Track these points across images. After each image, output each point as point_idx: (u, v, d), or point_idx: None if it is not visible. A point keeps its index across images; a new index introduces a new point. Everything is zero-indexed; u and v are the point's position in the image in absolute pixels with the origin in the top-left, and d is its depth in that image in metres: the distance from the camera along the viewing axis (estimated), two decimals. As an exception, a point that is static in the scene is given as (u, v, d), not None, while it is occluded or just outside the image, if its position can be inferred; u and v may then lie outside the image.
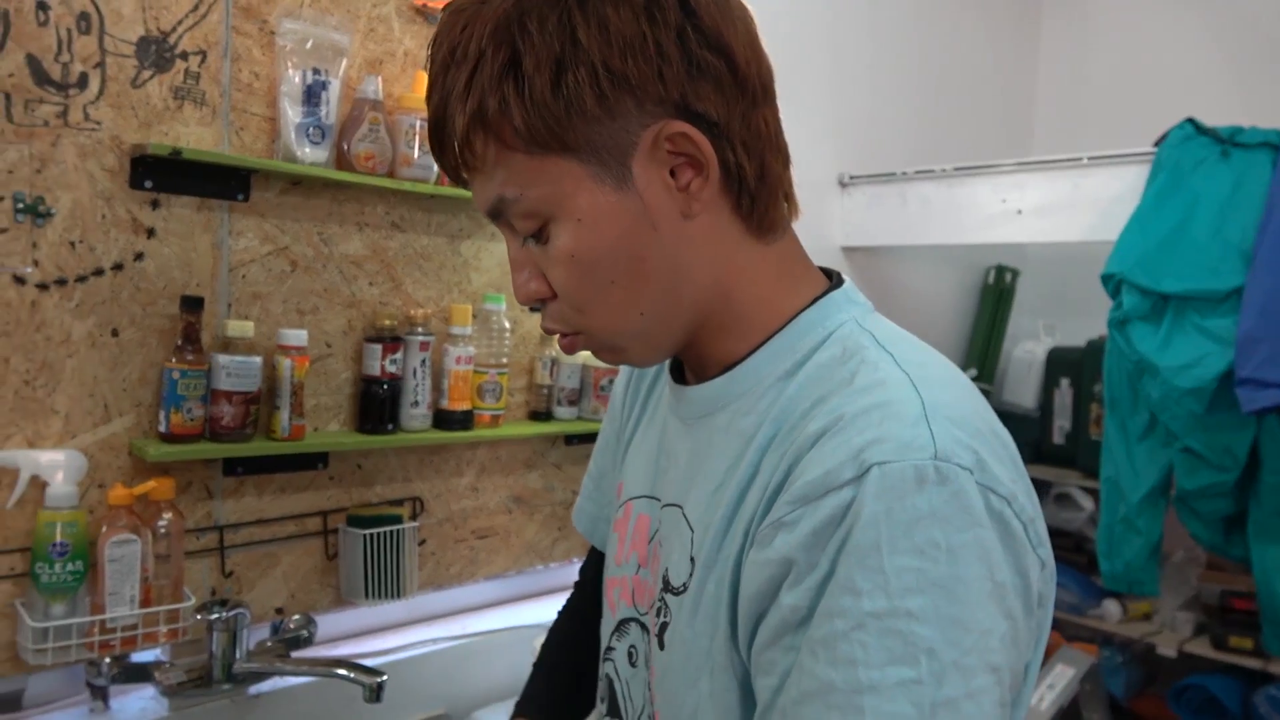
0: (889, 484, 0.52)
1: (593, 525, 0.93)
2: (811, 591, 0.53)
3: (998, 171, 2.07)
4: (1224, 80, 2.60)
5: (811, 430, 0.57)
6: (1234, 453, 1.71)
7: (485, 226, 1.68)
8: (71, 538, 1.21)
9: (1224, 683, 2.15)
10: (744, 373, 0.66)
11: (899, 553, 0.51)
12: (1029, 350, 2.65)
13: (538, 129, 0.58)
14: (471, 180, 0.64)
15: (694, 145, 0.60)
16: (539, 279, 0.65)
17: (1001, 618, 0.53)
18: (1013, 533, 0.54)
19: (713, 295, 0.65)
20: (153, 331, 1.32)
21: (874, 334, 0.63)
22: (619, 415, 0.88)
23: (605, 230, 0.61)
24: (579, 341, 0.67)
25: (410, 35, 1.55)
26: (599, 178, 0.60)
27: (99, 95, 1.26)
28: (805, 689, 0.52)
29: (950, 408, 0.56)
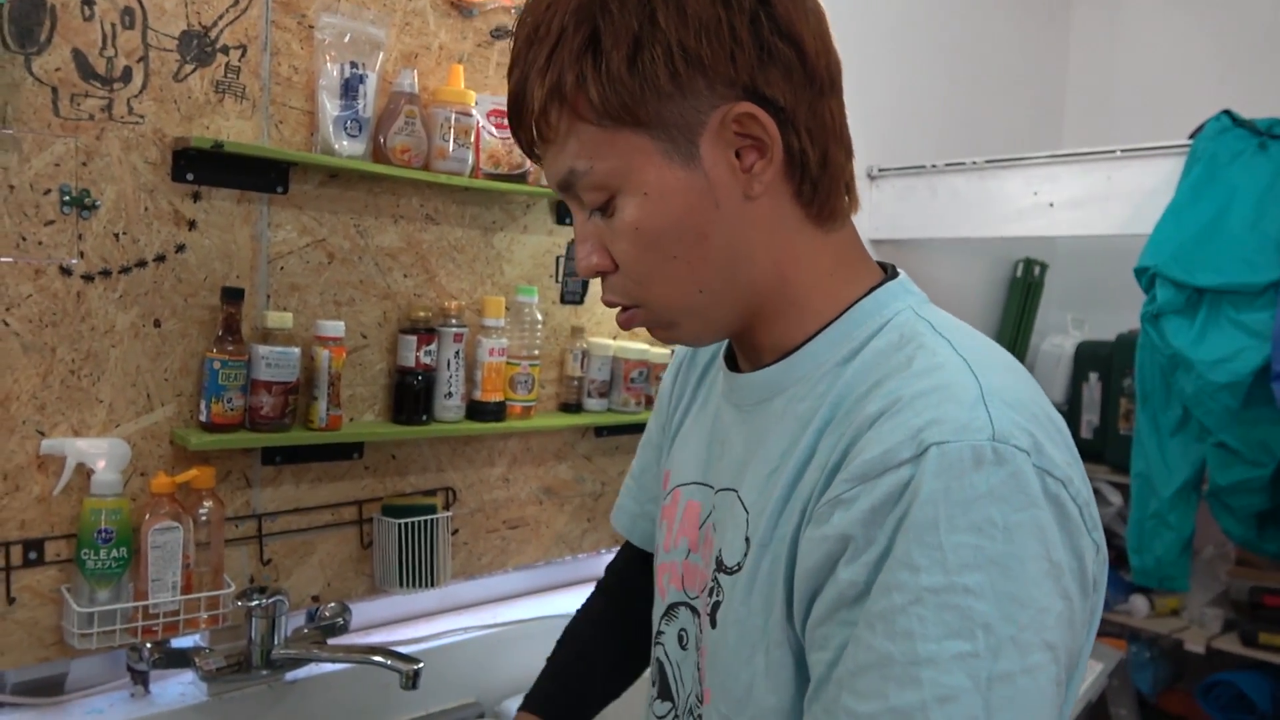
0: (947, 463, 0.53)
1: (632, 523, 0.94)
2: (869, 567, 0.54)
3: (1030, 164, 2.06)
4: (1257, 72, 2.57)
5: (870, 411, 0.59)
6: (1269, 448, 1.70)
7: (518, 219, 1.69)
8: (116, 525, 1.23)
9: (1254, 679, 2.15)
10: (801, 358, 0.67)
11: (957, 530, 0.52)
12: (1057, 344, 2.64)
13: (612, 103, 0.61)
14: (544, 154, 0.66)
15: (760, 127, 0.62)
16: (601, 252, 0.67)
17: (1057, 597, 0.54)
18: (1068, 515, 0.55)
19: (770, 278, 0.66)
20: (194, 322, 1.34)
21: (931, 322, 0.65)
22: (665, 410, 0.89)
23: (670, 205, 0.63)
24: (637, 315, 0.68)
25: (445, 29, 1.56)
26: (667, 154, 0.62)
27: (142, 89, 1.27)
28: (862, 661, 0.53)
29: (1007, 392, 0.57)
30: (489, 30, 1.61)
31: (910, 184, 2.26)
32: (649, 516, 0.93)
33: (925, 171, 2.24)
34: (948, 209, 2.20)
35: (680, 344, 0.73)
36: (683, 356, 0.88)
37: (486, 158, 1.58)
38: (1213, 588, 2.32)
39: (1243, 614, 2.24)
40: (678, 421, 0.84)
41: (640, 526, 0.93)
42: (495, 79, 1.63)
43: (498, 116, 1.59)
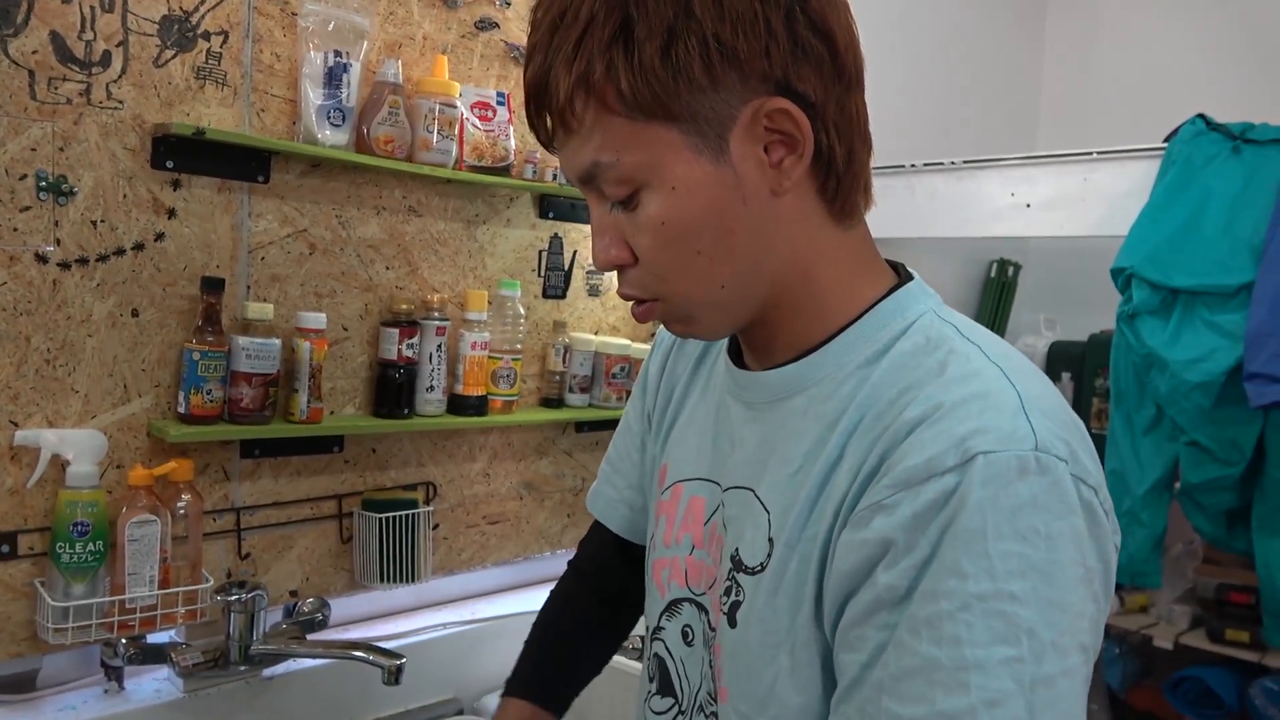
0: (994, 472, 0.54)
1: (610, 508, 0.94)
2: (911, 572, 0.55)
3: (1007, 165, 2.08)
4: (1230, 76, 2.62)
5: (908, 417, 0.58)
6: (1240, 447, 1.72)
7: (501, 212, 1.68)
8: (92, 518, 1.21)
9: (1220, 675, 2.18)
10: (823, 358, 0.66)
11: (1003, 538, 0.53)
12: (1030, 344, 2.67)
13: (643, 95, 0.59)
14: (564, 144, 0.64)
15: (793, 123, 0.61)
16: (621, 245, 0.65)
17: (1090, 601, 0.55)
18: (1099, 521, 0.57)
19: (791, 274, 0.66)
20: (172, 312, 1.32)
21: (956, 326, 0.65)
22: (651, 397, 0.88)
23: (698, 200, 0.62)
24: (655, 309, 0.67)
25: (429, 19, 1.55)
26: (697, 148, 0.61)
27: (121, 74, 1.25)
28: (907, 665, 0.54)
29: (1042, 400, 0.58)
30: (473, 21, 1.60)
31: (889, 184, 2.28)
32: (628, 503, 0.92)
33: (904, 171, 2.25)
34: (925, 209, 2.21)
35: (696, 338, 0.71)
36: (669, 344, 0.87)
37: (470, 150, 1.57)
38: (1180, 585, 2.36)
39: (1209, 610, 2.27)
40: (672, 414, 0.83)
41: (619, 513, 0.93)
42: (479, 71, 1.62)
43: (481, 109, 1.58)
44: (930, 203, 2.21)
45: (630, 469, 0.92)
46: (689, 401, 0.82)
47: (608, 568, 0.96)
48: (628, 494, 0.92)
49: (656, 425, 0.86)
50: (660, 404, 0.86)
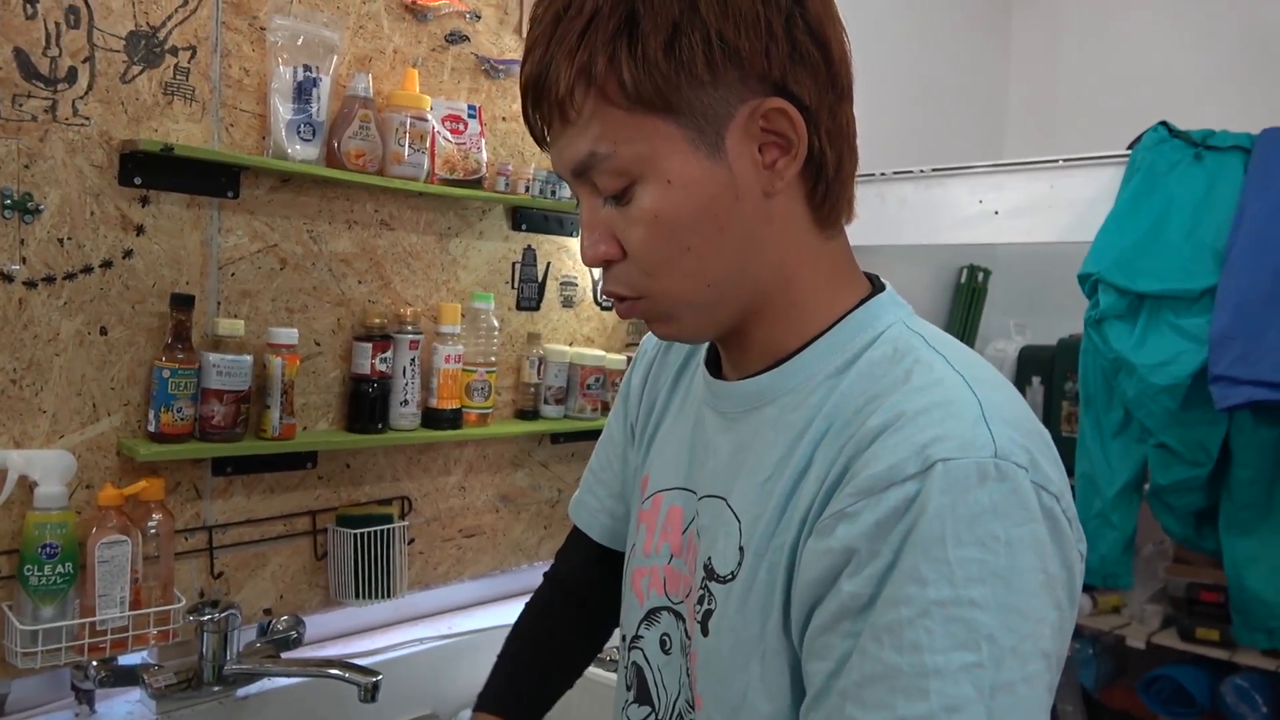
0: (954, 479, 0.54)
1: (592, 518, 0.93)
2: (874, 580, 0.55)
3: (975, 172, 2.10)
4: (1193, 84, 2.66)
5: (871, 426, 0.59)
6: (1207, 448, 1.75)
7: (474, 225, 1.68)
8: (61, 539, 1.19)
9: (1192, 673, 2.20)
10: (794, 368, 0.67)
11: (963, 544, 0.53)
12: (1000, 349, 2.69)
13: (645, 87, 0.60)
14: (560, 136, 0.64)
15: (789, 123, 0.62)
16: (610, 241, 0.65)
17: (1051, 608, 0.55)
18: (1061, 528, 0.57)
19: (774, 279, 0.66)
20: (142, 330, 1.31)
21: (923, 335, 0.65)
22: (634, 408, 0.88)
23: (693, 195, 0.62)
24: (639, 307, 0.67)
25: (399, 33, 1.55)
26: (694, 143, 0.62)
27: (88, 90, 1.24)
28: (869, 672, 0.54)
29: (1004, 409, 0.59)
30: (444, 35, 1.60)
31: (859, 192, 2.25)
32: (610, 513, 0.92)
33: (874, 179, 2.27)
34: (895, 217, 2.23)
35: (676, 339, 0.71)
36: (652, 355, 0.88)
37: (442, 163, 1.57)
38: (1152, 585, 2.39)
39: (1180, 610, 2.30)
40: (654, 424, 0.84)
41: (600, 522, 0.93)
42: (450, 84, 1.62)
43: (453, 121, 1.58)
44: (900, 210, 2.23)
45: (612, 479, 0.92)
46: (670, 412, 0.82)
47: (589, 580, 0.96)
48: (609, 503, 0.92)
49: (639, 436, 0.86)
50: (643, 415, 0.86)
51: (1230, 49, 2.63)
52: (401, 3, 1.54)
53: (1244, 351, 1.61)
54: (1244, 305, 1.64)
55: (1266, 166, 1.71)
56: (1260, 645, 1.85)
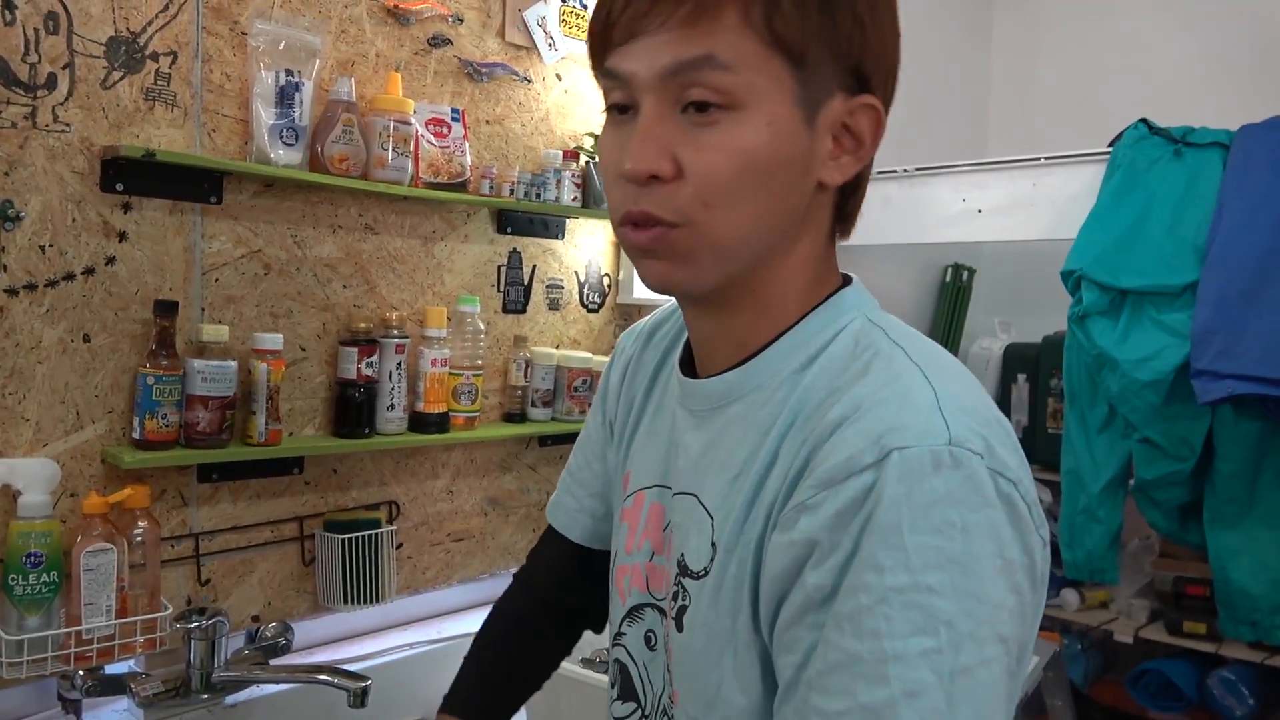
0: (909, 467, 0.55)
1: (571, 519, 0.93)
2: (835, 570, 0.56)
3: (958, 171, 2.11)
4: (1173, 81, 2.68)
5: (831, 418, 0.60)
6: (1190, 443, 1.76)
7: (458, 228, 1.68)
8: (45, 548, 1.19)
9: (1179, 667, 2.22)
10: (759, 366, 0.68)
11: (919, 531, 0.54)
12: (986, 347, 2.71)
13: (793, 30, 0.60)
14: (673, 30, 0.60)
15: (870, 126, 0.65)
16: (668, 157, 0.61)
17: (1010, 592, 0.56)
18: (1019, 514, 0.57)
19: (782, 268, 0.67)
20: (125, 337, 1.30)
21: (884, 329, 0.66)
22: (612, 406, 0.88)
23: (782, 146, 0.62)
24: (669, 236, 0.63)
25: (382, 36, 1.54)
26: (800, 102, 0.62)
27: (68, 96, 1.23)
28: (831, 661, 0.55)
29: (960, 398, 0.59)
30: (426, 39, 1.60)
31: (844, 192, 2.30)
32: (590, 512, 0.92)
33: (858, 179, 2.28)
34: (880, 216, 2.24)
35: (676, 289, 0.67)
36: (629, 353, 0.88)
37: (426, 166, 1.56)
38: (1138, 579, 2.40)
39: (1167, 604, 2.31)
40: (633, 422, 0.84)
41: (580, 522, 0.93)
42: (433, 87, 1.62)
43: (436, 125, 1.58)
44: (884, 210, 2.24)
45: (591, 478, 0.92)
46: (649, 410, 0.82)
47: (565, 582, 0.95)
48: (589, 503, 0.92)
49: (619, 434, 0.86)
50: (622, 413, 0.86)
51: (1209, 47, 2.66)
52: (384, 6, 1.54)
53: (1225, 346, 1.63)
54: (1224, 300, 1.65)
55: (1245, 163, 1.72)
56: (1246, 638, 1.86)
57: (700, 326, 0.71)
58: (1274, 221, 1.65)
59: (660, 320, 0.87)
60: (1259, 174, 1.69)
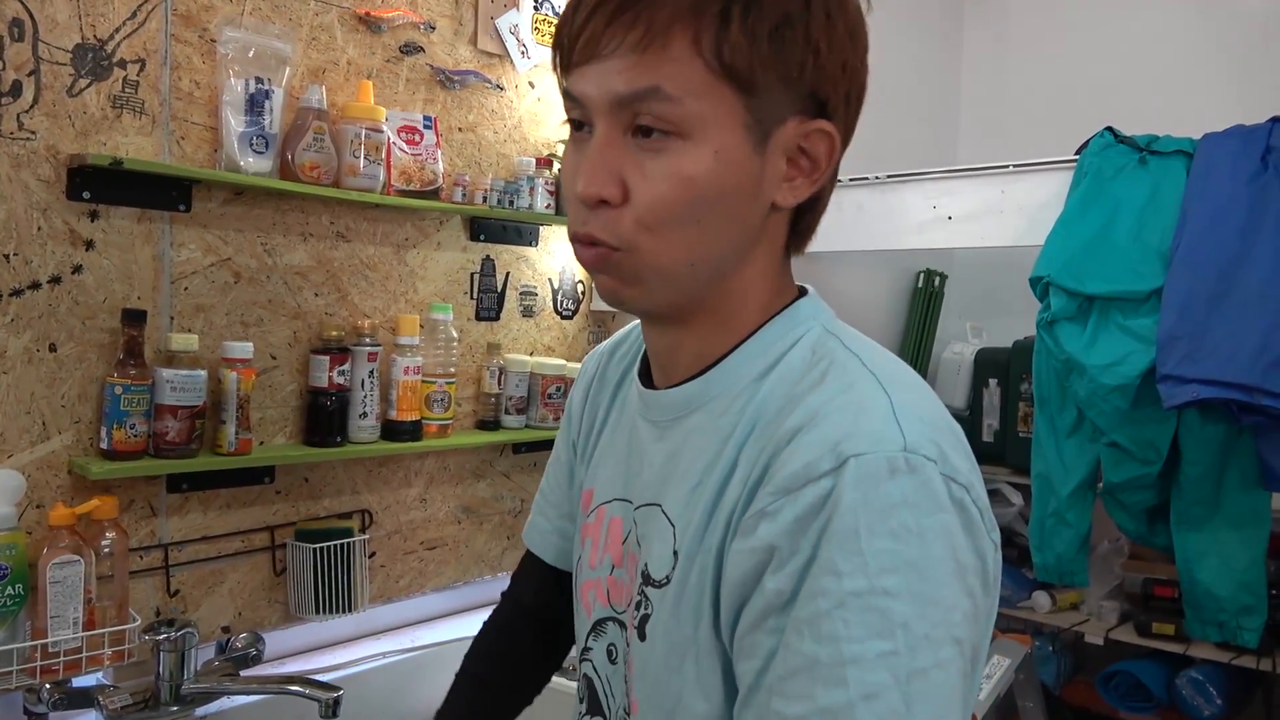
0: (865, 473, 0.56)
1: (545, 540, 0.94)
2: (794, 575, 0.56)
3: (929, 179, 2.13)
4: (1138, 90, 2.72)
5: (789, 426, 0.61)
6: (1157, 446, 1.79)
7: (431, 236, 1.67)
8: (10, 560, 1.17)
9: (1148, 667, 2.25)
10: (719, 375, 0.69)
11: (876, 536, 0.55)
12: (958, 352, 2.73)
13: (741, 58, 0.60)
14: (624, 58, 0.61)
15: (825, 150, 0.65)
16: (617, 182, 0.63)
17: (964, 595, 0.57)
18: (971, 518, 0.58)
19: (735, 284, 0.68)
20: (92, 346, 1.29)
21: (840, 338, 0.67)
22: (576, 427, 0.89)
23: (728, 175, 0.62)
24: (614, 258, 0.64)
25: (353, 44, 1.54)
26: (749, 128, 0.62)
27: (33, 104, 1.22)
28: (791, 665, 0.55)
29: (914, 405, 0.61)
30: (398, 46, 1.60)
31: (816, 198, 2.32)
32: (561, 533, 0.92)
33: (830, 186, 2.29)
34: (852, 222, 2.26)
35: (626, 305, 0.68)
36: (592, 373, 0.88)
37: (398, 174, 1.56)
38: (1109, 581, 2.43)
39: (1137, 605, 2.34)
40: (594, 439, 0.85)
41: (553, 544, 0.93)
42: (405, 95, 1.62)
43: (408, 132, 1.58)
44: (857, 216, 2.26)
45: (561, 499, 0.92)
46: (608, 425, 0.83)
47: (546, 601, 0.96)
48: (560, 524, 0.92)
49: (581, 451, 0.87)
50: (584, 431, 0.87)
51: (1174, 56, 2.70)
52: (355, 14, 1.54)
53: (1189, 351, 1.65)
54: (1188, 306, 1.68)
55: (1207, 170, 1.75)
56: (1212, 638, 1.89)
57: (658, 340, 0.72)
58: (1236, 228, 1.67)
59: (621, 339, 0.88)
60: (1221, 182, 1.72)
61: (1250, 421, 1.65)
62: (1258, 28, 2.58)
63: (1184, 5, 2.70)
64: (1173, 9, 2.72)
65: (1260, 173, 1.69)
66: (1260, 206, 1.67)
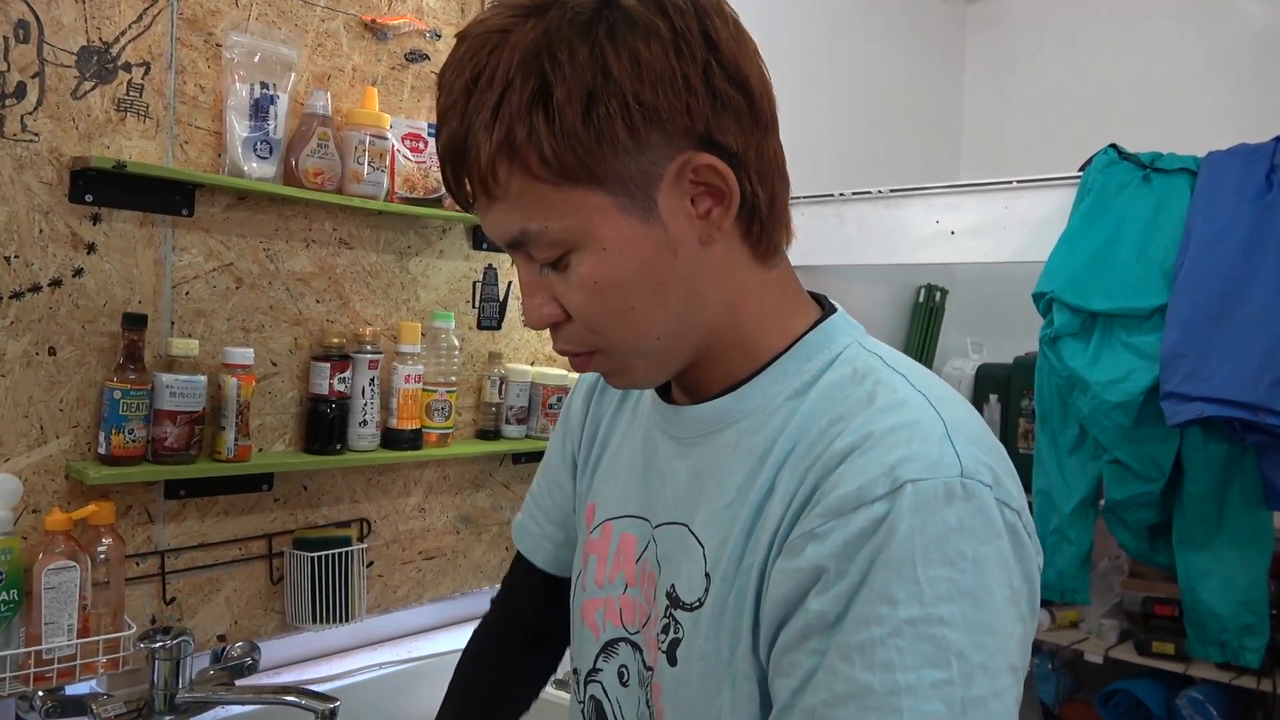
0: (922, 500, 0.55)
1: (535, 544, 0.92)
2: (842, 598, 0.55)
3: (931, 193, 2.13)
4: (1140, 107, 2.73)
5: (839, 447, 0.59)
6: (1159, 464, 1.78)
7: (434, 244, 1.67)
8: (5, 566, 1.16)
9: (1148, 687, 2.23)
10: (752, 392, 0.67)
11: (932, 564, 0.54)
12: (958, 367, 2.73)
13: (567, 160, 0.58)
14: (487, 209, 0.63)
15: (719, 176, 0.62)
16: (553, 303, 0.65)
17: (1017, 621, 0.56)
18: (1022, 543, 0.58)
19: (723, 318, 0.67)
20: (92, 350, 1.28)
21: (881, 356, 0.66)
22: (575, 435, 0.87)
23: (629, 258, 0.62)
24: (593, 361, 0.68)
25: (359, 50, 1.54)
26: (625, 209, 0.61)
27: (37, 106, 1.22)
28: (839, 692, 0.54)
29: (965, 427, 0.60)
30: (403, 53, 1.60)
31: (819, 212, 2.32)
32: (550, 539, 0.91)
33: (833, 200, 2.29)
34: (855, 237, 2.26)
35: (633, 388, 0.71)
36: (593, 381, 0.87)
37: (401, 181, 1.56)
38: (1108, 599, 2.42)
39: (1136, 624, 2.33)
40: (598, 452, 0.83)
41: (543, 549, 0.92)
42: (410, 102, 1.62)
43: (413, 140, 1.58)
44: (859, 230, 2.26)
45: (551, 505, 0.91)
46: (614, 438, 0.82)
47: (536, 604, 0.95)
48: (550, 529, 0.91)
49: (583, 464, 0.85)
50: (585, 442, 0.85)
51: (1177, 73, 2.71)
52: (361, 21, 1.54)
53: (1193, 369, 1.65)
54: (1192, 323, 1.67)
55: (1211, 188, 1.75)
56: (1214, 658, 1.88)
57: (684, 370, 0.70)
58: (1240, 247, 1.67)
59: None
60: (1224, 200, 1.72)
61: (1253, 440, 1.65)
62: (1261, 45, 2.59)
63: (1187, 22, 2.71)
64: (1175, 26, 2.73)
65: (1264, 191, 1.69)
66: (1264, 225, 1.67)
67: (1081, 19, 2.90)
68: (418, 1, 1.62)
